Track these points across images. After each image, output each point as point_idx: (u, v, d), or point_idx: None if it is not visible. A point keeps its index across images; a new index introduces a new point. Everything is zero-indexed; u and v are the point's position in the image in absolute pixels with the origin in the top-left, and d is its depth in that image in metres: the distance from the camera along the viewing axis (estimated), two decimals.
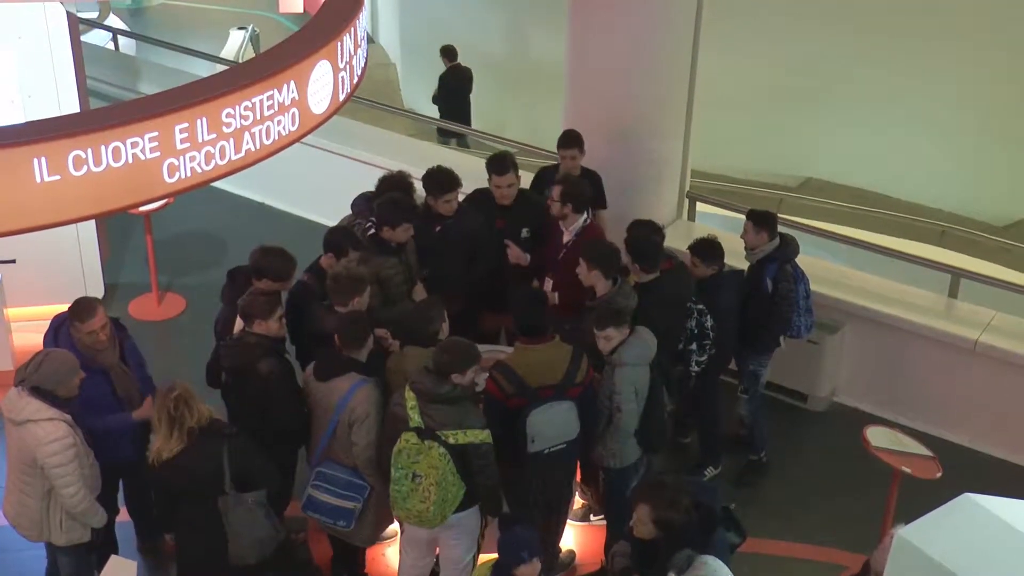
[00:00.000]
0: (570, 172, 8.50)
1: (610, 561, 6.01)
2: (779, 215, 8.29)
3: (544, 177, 8.81)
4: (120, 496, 7.29)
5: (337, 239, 7.58)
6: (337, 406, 6.76)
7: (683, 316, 7.68)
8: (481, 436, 6.46)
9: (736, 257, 8.26)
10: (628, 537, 6.04)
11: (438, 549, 7.00)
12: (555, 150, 8.91)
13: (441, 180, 8.07)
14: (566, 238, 8.11)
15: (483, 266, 8.22)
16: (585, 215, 8.11)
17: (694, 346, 7.72)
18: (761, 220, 8.07)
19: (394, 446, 6.47)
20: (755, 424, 8.52)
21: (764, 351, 8.26)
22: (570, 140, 8.62)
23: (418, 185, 8.31)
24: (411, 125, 13.85)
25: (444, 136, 13.72)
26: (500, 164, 8.31)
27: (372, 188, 8.36)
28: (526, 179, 8.72)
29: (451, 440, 6.40)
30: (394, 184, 8.21)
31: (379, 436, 6.74)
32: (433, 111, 14.36)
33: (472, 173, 8.70)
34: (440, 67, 14.33)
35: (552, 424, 6.75)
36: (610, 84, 9.01)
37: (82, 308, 6.79)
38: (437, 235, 8.12)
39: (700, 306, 7.73)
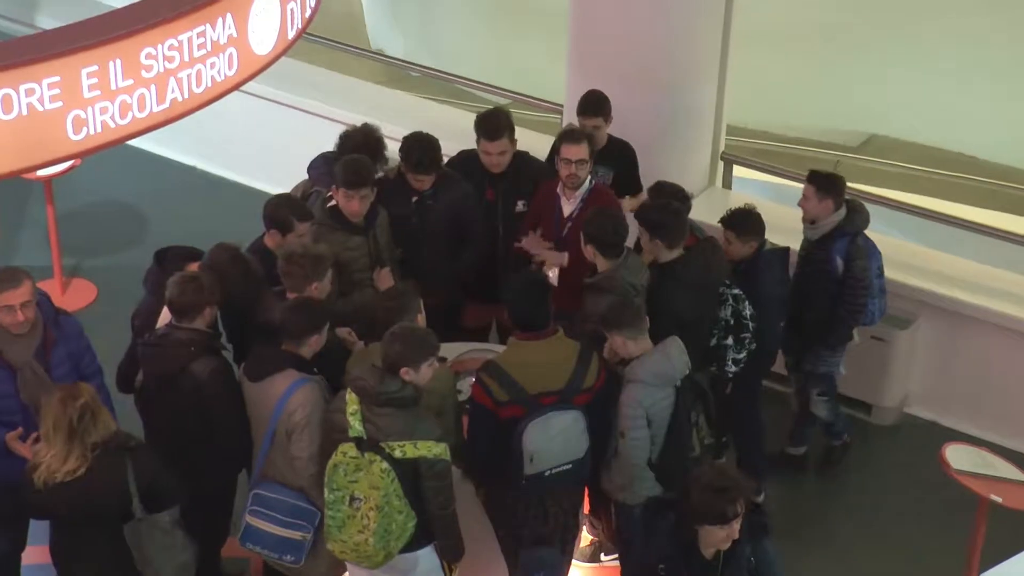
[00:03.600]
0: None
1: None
2: None
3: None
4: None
5: (279, 212, 7.55)
6: (274, 412, 6.75)
7: (714, 304, 7.67)
8: (435, 450, 6.41)
9: (779, 233, 8.24)
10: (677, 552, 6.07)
11: None
12: (556, 101, 8.89)
13: (418, 155, 7.99)
14: (568, 209, 8.09)
15: (473, 252, 8.21)
16: (590, 179, 8.07)
17: (730, 340, 7.72)
18: (826, 185, 8.07)
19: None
20: (836, 417, 8.65)
21: (836, 346, 8.28)
22: (591, 105, 8.41)
23: (392, 146, 8.27)
24: (379, 70, 13.80)
25: None
26: (491, 127, 8.20)
27: (333, 148, 8.35)
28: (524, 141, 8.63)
29: (396, 453, 6.35)
30: (359, 142, 8.20)
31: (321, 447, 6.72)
32: (406, 53, 14.33)
33: (462, 132, 8.64)
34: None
35: (555, 439, 6.74)
36: (623, 17, 8.96)
37: (3, 276, 6.74)
38: (413, 207, 8.09)
39: (735, 291, 7.72)
